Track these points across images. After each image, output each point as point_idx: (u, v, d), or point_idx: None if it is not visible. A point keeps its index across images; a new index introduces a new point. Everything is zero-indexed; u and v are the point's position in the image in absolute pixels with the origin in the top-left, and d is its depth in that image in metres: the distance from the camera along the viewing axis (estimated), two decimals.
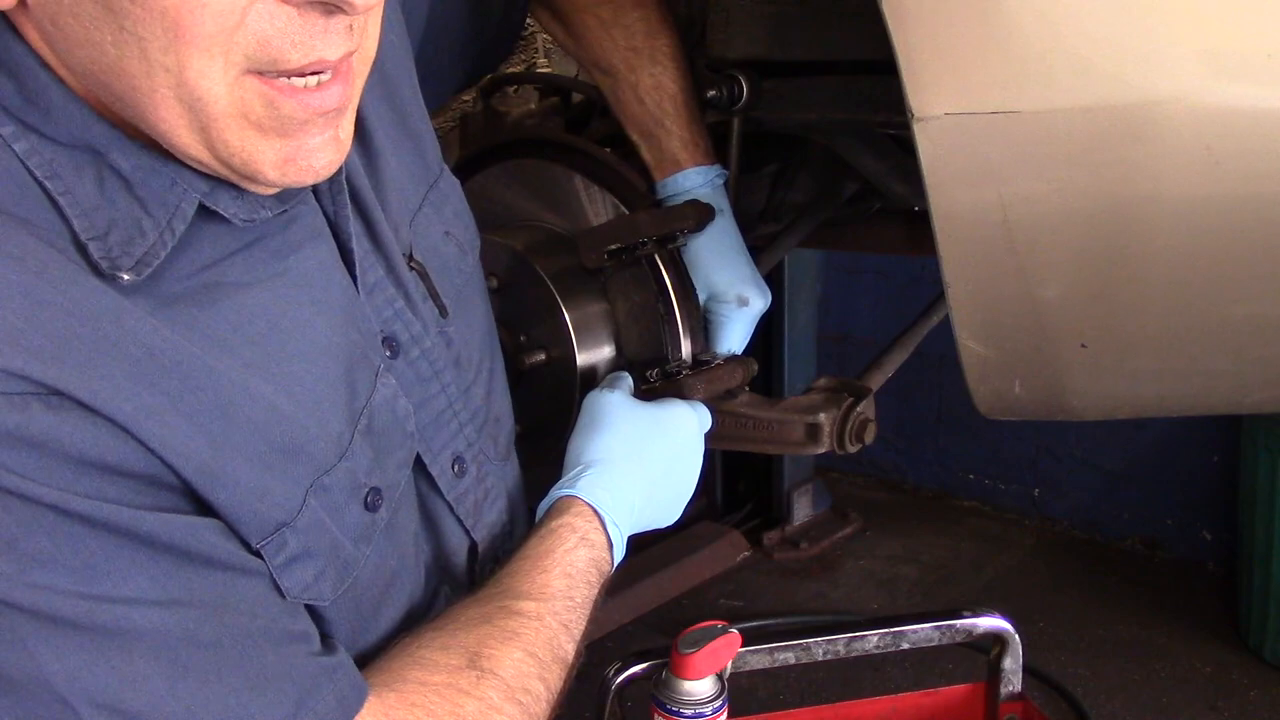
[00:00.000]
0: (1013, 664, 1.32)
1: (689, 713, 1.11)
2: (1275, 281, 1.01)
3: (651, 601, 2.62)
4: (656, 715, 1.13)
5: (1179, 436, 3.01)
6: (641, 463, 1.11)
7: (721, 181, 1.33)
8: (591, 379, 1.38)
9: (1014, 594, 2.89)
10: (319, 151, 0.77)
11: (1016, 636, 1.31)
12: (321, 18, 0.72)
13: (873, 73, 1.29)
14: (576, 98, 1.72)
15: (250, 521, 0.78)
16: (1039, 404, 1.19)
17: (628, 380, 1.22)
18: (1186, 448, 3.00)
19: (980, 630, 1.30)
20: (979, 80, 0.94)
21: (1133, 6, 0.90)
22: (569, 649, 0.95)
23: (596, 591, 1.01)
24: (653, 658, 1.16)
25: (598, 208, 1.41)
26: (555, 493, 1.06)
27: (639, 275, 1.35)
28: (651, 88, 1.31)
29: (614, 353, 1.39)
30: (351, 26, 0.74)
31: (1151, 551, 3.10)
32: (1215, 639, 2.63)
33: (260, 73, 0.72)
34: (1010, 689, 1.32)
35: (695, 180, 1.31)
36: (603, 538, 1.04)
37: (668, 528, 1.17)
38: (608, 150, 1.45)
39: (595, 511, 1.04)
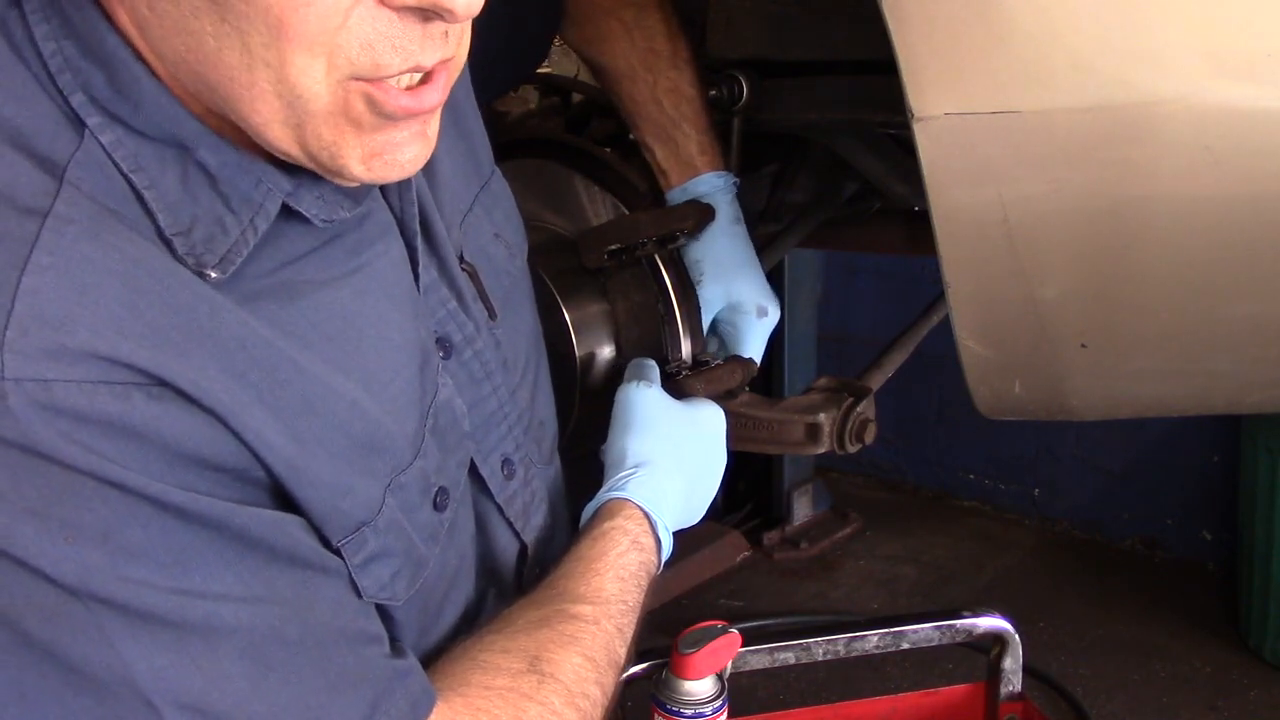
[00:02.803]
0: (1013, 664, 1.31)
1: (689, 713, 1.11)
2: (1275, 281, 1.01)
3: (652, 602, 2.61)
4: (656, 715, 1.13)
5: (1179, 436, 3.01)
6: (681, 464, 1.11)
7: (736, 189, 1.33)
8: (591, 379, 1.38)
9: (1014, 594, 2.89)
10: (405, 146, 0.77)
11: (1016, 636, 1.31)
12: (419, 24, 0.72)
13: (873, 73, 1.29)
14: (576, 98, 1.72)
15: (333, 519, 0.78)
16: (1039, 404, 1.20)
17: (657, 371, 1.21)
18: (1186, 448, 3.00)
19: (980, 630, 1.30)
20: (979, 80, 0.94)
21: (1133, 6, 0.90)
22: (622, 653, 0.95)
23: (644, 594, 1.01)
24: (653, 658, 1.16)
25: (598, 208, 1.41)
26: (604, 495, 1.06)
27: (639, 275, 1.35)
28: (670, 90, 1.31)
29: (614, 353, 1.39)
30: (447, 34, 0.74)
31: (1151, 551, 3.10)
32: (1215, 639, 2.63)
33: (362, 78, 0.72)
34: (1010, 689, 1.32)
35: (712, 185, 1.32)
36: (651, 540, 1.04)
37: None
38: (608, 150, 1.45)
39: (645, 515, 1.04)
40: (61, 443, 0.65)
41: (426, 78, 0.76)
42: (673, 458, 1.10)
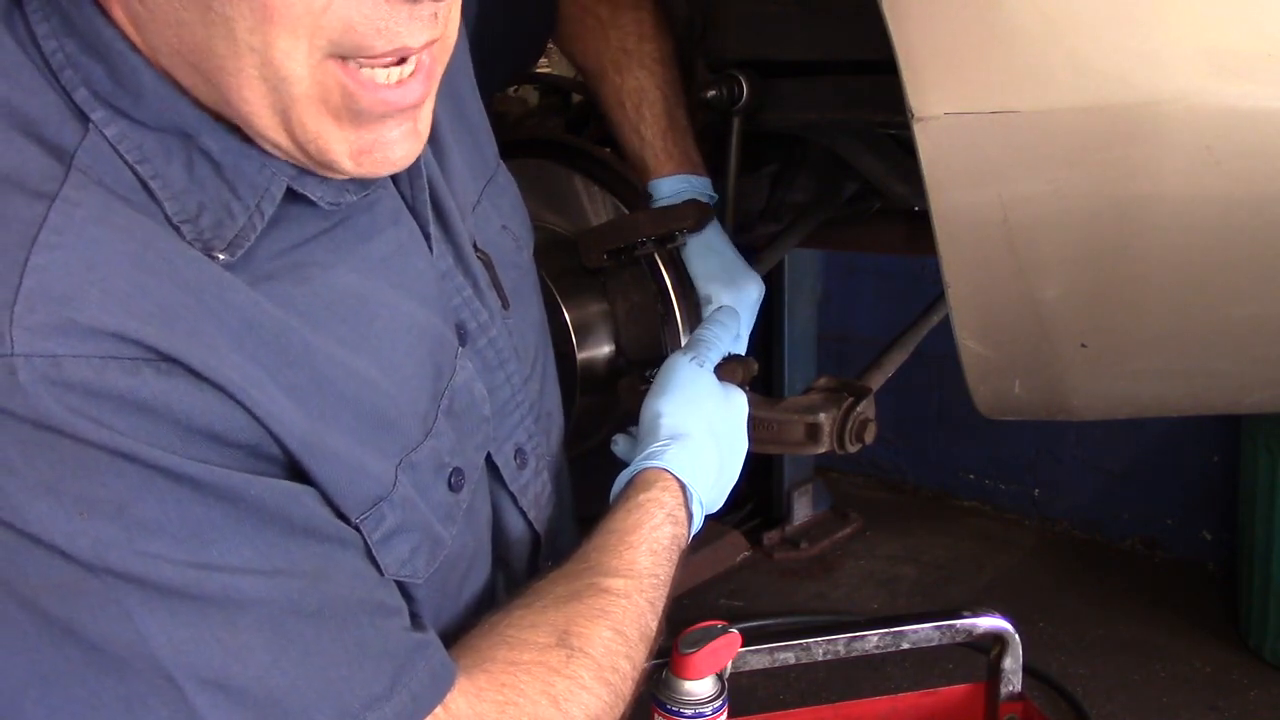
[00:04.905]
0: (1013, 664, 1.31)
1: (689, 713, 1.11)
2: (1275, 281, 1.01)
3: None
4: (656, 715, 1.13)
5: (1179, 436, 3.01)
6: (718, 443, 1.11)
7: (691, 191, 1.31)
8: (592, 379, 1.38)
9: (1014, 594, 2.89)
10: (396, 144, 0.77)
11: (1016, 636, 1.31)
12: (406, 4, 0.71)
13: (873, 73, 1.29)
14: (576, 98, 1.72)
15: (349, 494, 0.78)
16: (1039, 404, 1.19)
17: (717, 355, 1.20)
18: (1186, 448, 3.00)
19: (980, 630, 1.30)
20: (979, 80, 0.94)
21: (1133, 6, 0.90)
22: (654, 627, 0.95)
23: (674, 569, 1.00)
24: (653, 658, 1.16)
25: (598, 208, 1.41)
26: (641, 462, 1.05)
27: (638, 275, 1.35)
28: (634, 90, 1.30)
29: (614, 352, 1.39)
30: (436, 15, 0.74)
31: (1151, 551, 3.10)
32: (1215, 639, 2.63)
33: (343, 58, 0.72)
34: (1010, 689, 1.32)
35: (662, 191, 1.30)
36: (685, 514, 1.03)
37: None
38: (608, 150, 1.45)
39: (682, 487, 1.03)
40: (72, 417, 0.65)
41: (413, 70, 0.75)
42: (710, 434, 1.10)
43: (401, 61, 0.74)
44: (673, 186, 1.30)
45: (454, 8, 0.78)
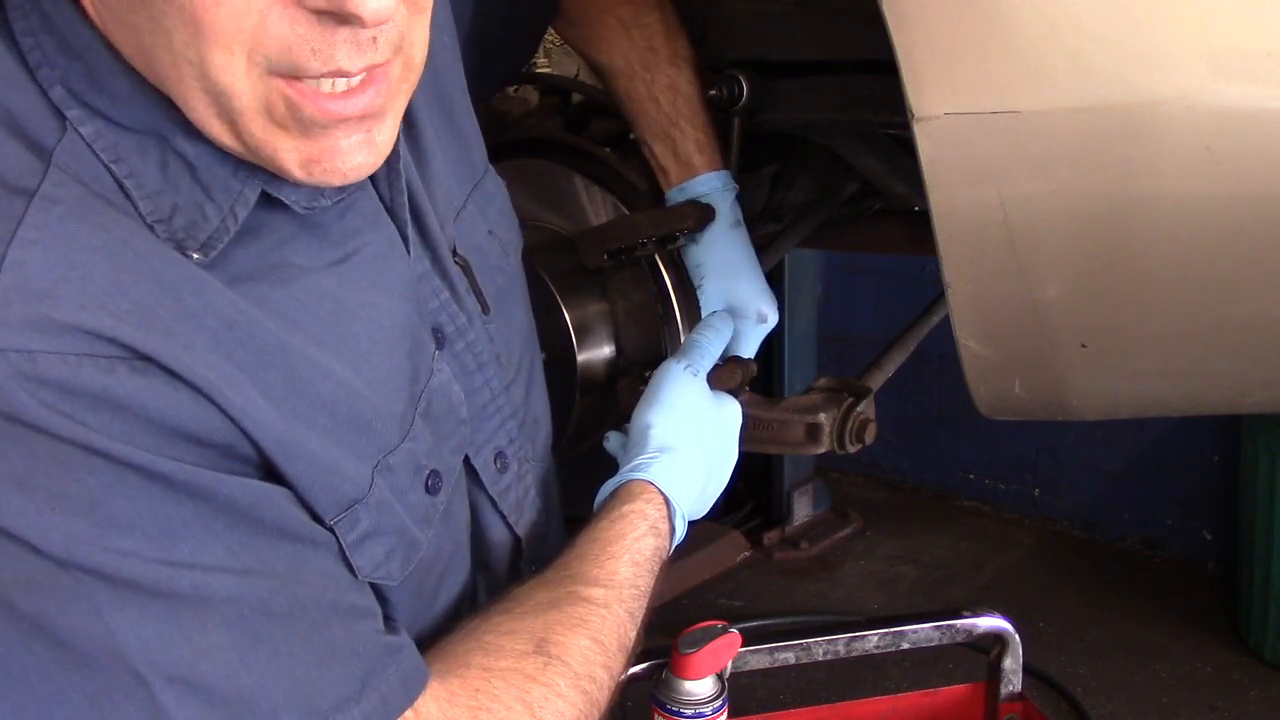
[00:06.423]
0: (1013, 664, 1.31)
1: (689, 713, 1.11)
2: (1275, 281, 1.01)
3: (652, 601, 2.61)
4: (656, 715, 1.13)
5: (1179, 436, 3.01)
6: (705, 455, 1.11)
7: (727, 189, 1.32)
8: (591, 379, 1.38)
9: (1014, 594, 2.89)
10: (347, 153, 0.75)
11: (1016, 636, 1.31)
12: (337, 27, 0.70)
13: (873, 73, 1.29)
14: (576, 98, 1.72)
15: (324, 496, 0.78)
16: (1039, 404, 1.19)
17: (710, 361, 1.20)
18: (1186, 448, 3.00)
19: (980, 630, 1.30)
20: (979, 80, 0.94)
21: (1133, 6, 0.90)
22: (633, 637, 0.95)
23: (655, 581, 1.01)
24: (653, 658, 1.16)
25: (598, 208, 1.41)
26: (627, 474, 1.05)
27: (638, 275, 1.35)
28: (667, 88, 1.31)
29: (614, 352, 1.39)
30: (375, 39, 0.72)
31: (1151, 551, 3.10)
32: (1215, 639, 2.63)
33: (284, 75, 0.71)
34: (1010, 689, 1.32)
35: (711, 185, 1.31)
36: (667, 526, 1.04)
37: None
38: (607, 150, 1.45)
39: (666, 500, 1.04)
40: (46, 413, 0.65)
41: (364, 81, 0.74)
42: (698, 447, 1.10)
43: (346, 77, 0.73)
44: (709, 184, 1.31)
45: (410, 34, 0.76)
